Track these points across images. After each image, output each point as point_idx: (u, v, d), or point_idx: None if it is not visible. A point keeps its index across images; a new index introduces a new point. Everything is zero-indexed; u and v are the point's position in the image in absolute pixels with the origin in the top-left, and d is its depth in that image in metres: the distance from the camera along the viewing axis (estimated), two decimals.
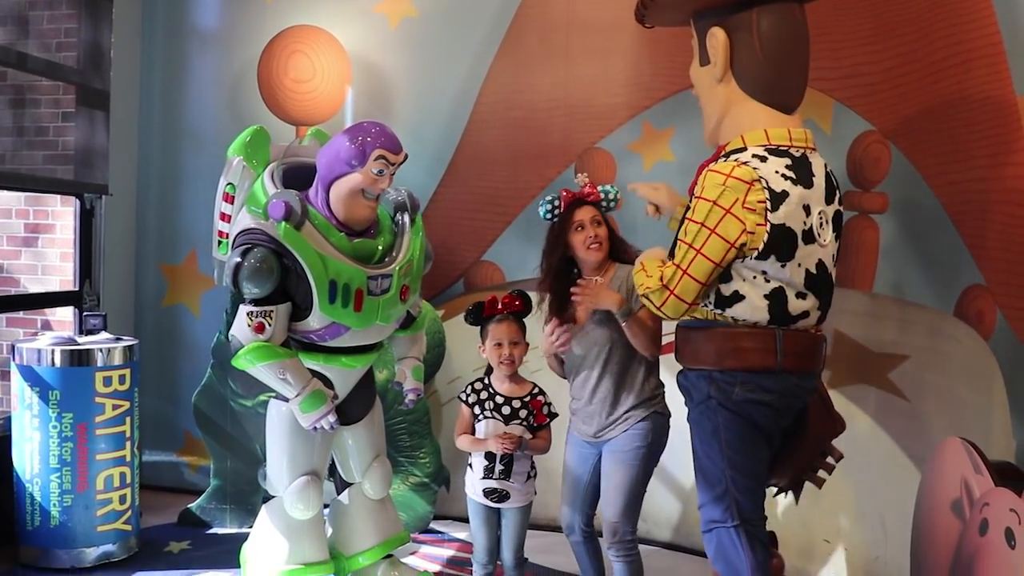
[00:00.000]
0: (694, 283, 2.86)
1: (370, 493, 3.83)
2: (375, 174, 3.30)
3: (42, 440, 4.07)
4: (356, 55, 5.12)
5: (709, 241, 2.82)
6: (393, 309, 3.54)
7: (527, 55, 4.94)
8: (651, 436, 3.37)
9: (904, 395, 3.87)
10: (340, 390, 3.62)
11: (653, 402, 3.40)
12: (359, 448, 3.81)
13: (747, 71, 3.01)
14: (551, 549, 4.46)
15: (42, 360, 4.09)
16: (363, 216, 3.42)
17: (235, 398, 4.76)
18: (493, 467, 3.44)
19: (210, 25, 5.44)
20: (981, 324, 3.55)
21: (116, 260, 5.25)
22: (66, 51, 5.11)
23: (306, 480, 3.60)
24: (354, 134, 3.36)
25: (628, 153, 4.76)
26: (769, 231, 2.83)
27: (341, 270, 3.32)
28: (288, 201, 3.26)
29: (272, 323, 3.31)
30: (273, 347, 3.35)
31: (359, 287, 3.37)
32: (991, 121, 3.42)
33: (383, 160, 3.30)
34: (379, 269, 3.45)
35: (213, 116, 5.35)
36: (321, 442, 3.64)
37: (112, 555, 4.23)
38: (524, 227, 4.92)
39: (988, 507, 2.79)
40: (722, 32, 3.00)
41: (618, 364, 3.37)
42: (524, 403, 3.48)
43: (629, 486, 3.36)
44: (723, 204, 2.82)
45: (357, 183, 3.32)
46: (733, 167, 2.86)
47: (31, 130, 5.22)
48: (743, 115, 3.04)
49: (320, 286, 3.29)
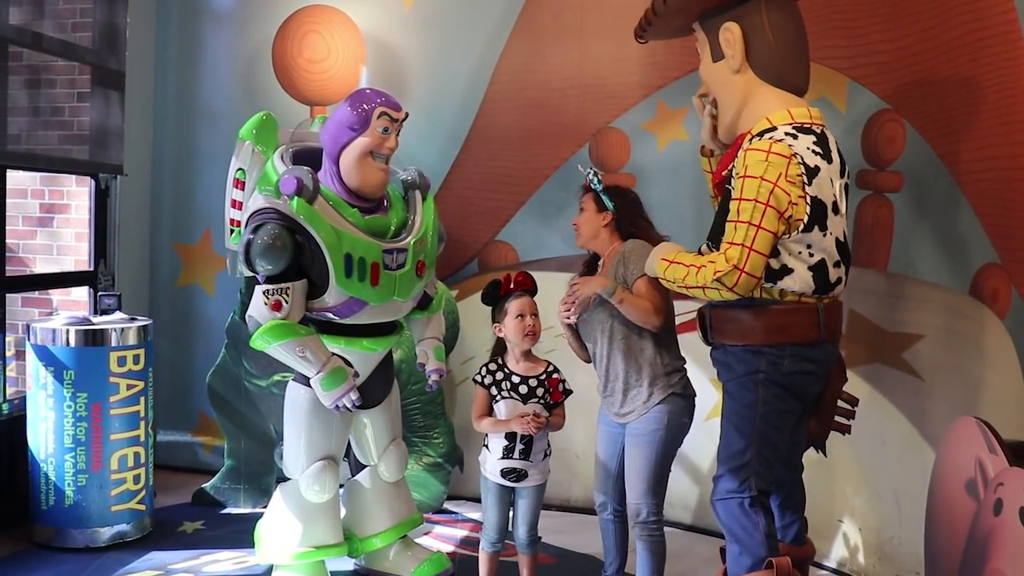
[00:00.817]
0: (761, 258, 2.94)
1: (386, 476, 3.85)
2: (381, 133, 3.40)
3: (57, 420, 4.09)
4: (370, 35, 5.11)
5: (766, 215, 2.91)
6: (410, 284, 3.56)
7: (541, 35, 4.92)
8: (669, 418, 3.37)
9: (919, 374, 3.85)
10: (361, 373, 3.63)
11: (671, 381, 3.40)
12: (376, 431, 3.83)
13: (762, 59, 3.16)
14: (565, 529, 4.48)
15: (57, 340, 4.11)
16: (376, 180, 3.46)
17: (249, 378, 4.78)
18: (513, 447, 3.44)
19: (225, 5, 5.44)
20: (996, 303, 3.52)
21: (131, 240, 5.28)
22: (81, 31, 5.12)
23: (323, 464, 3.62)
24: (352, 100, 3.45)
25: (642, 132, 4.74)
26: (809, 203, 2.98)
27: (356, 243, 3.35)
28: (299, 176, 3.30)
29: (289, 300, 3.33)
30: (291, 325, 3.36)
31: (375, 260, 3.40)
32: (1006, 100, 3.38)
33: (386, 117, 3.39)
34: (394, 243, 3.48)
35: (228, 96, 5.36)
36: (339, 426, 3.66)
37: (126, 535, 4.25)
38: (538, 207, 4.91)
39: (1003, 487, 2.77)
40: (736, 25, 3.14)
41: (622, 339, 3.39)
42: (540, 381, 3.48)
43: (649, 469, 3.37)
44: (769, 178, 2.92)
45: (365, 146, 3.40)
46: (771, 143, 2.97)
47: (47, 110, 5.23)
48: (764, 100, 3.17)
49: (336, 260, 3.32)
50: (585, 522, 4.37)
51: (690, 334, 4.28)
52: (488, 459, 3.52)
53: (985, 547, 2.79)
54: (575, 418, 3.67)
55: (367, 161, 3.42)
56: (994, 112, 3.48)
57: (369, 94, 3.48)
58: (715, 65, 3.25)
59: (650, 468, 3.37)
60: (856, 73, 4.08)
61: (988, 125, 3.52)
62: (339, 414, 3.56)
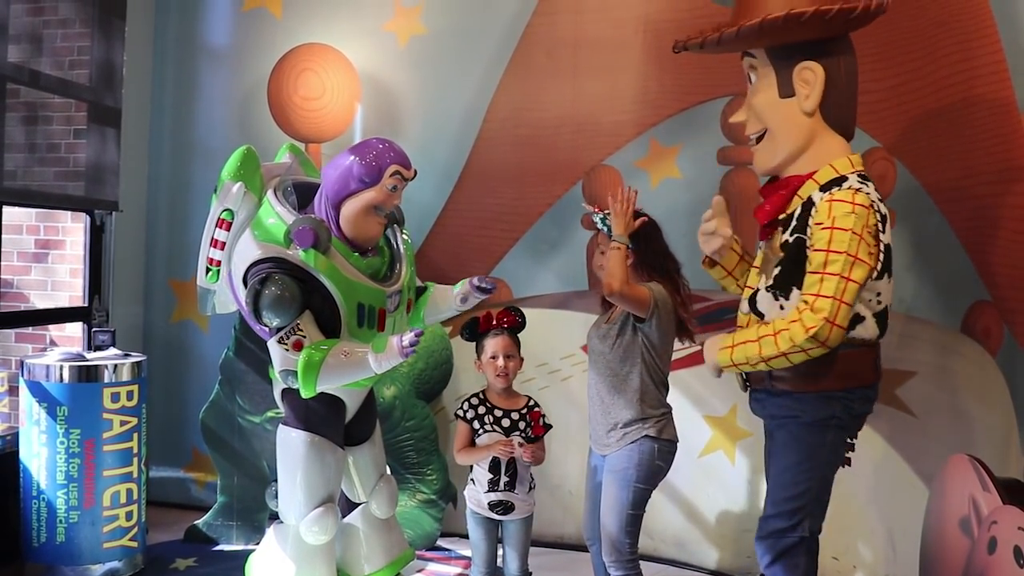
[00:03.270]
0: (850, 310, 2.87)
1: (377, 512, 3.82)
2: (389, 190, 3.33)
3: (49, 456, 4.07)
4: (365, 73, 5.15)
5: (855, 267, 2.84)
6: (401, 324, 3.55)
7: (535, 73, 4.96)
8: (640, 458, 3.33)
9: (912, 411, 3.86)
10: (350, 408, 3.64)
11: (646, 424, 3.35)
12: (365, 468, 3.80)
13: (833, 103, 3.05)
14: (558, 567, 4.45)
15: (50, 376, 4.09)
16: (374, 234, 3.42)
17: (243, 414, 4.77)
18: (498, 480, 3.46)
19: (221, 43, 5.49)
20: (988, 340, 3.55)
21: (125, 276, 5.28)
22: (79, 68, 5.14)
23: (324, 509, 3.54)
24: (364, 152, 3.36)
25: (635, 170, 4.77)
26: (883, 251, 2.94)
27: (366, 292, 3.34)
28: (315, 228, 3.23)
29: (306, 333, 3.26)
30: (316, 349, 3.24)
31: (381, 307, 3.39)
32: (996, 139, 3.43)
33: (398, 176, 3.33)
34: (393, 287, 3.46)
35: (223, 133, 5.38)
36: (335, 466, 3.61)
37: (118, 572, 4.21)
38: (532, 244, 4.93)
39: (996, 525, 2.77)
40: (820, 67, 3.01)
41: (611, 375, 3.39)
42: (522, 415, 3.52)
43: (621, 506, 3.35)
44: (858, 231, 2.85)
45: (371, 200, 3.33)
46: (853, 194, 2.89)
47: (43, 147, 5.24)
48: (826, 145, 3.07)
49: (349, 310, 3.30)
50: (578, 559, 4.35)
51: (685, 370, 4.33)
52: (474, 492, 3.53)
53: None
54: (568, 455, 3.68)
55: (369, 214, 3.36)
56: (984, 150, 3.51)
57: (383, 149, 3.38)
58: (781, 101, 3.08)
59: (622, 505, 3.34)
60: None
61: (978, 163, 3.56)
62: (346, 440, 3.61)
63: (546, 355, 4.71)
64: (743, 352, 2.96)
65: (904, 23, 3.88)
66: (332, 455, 3.57)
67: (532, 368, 4.64)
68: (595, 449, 3.51)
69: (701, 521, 4.59)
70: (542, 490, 3.76)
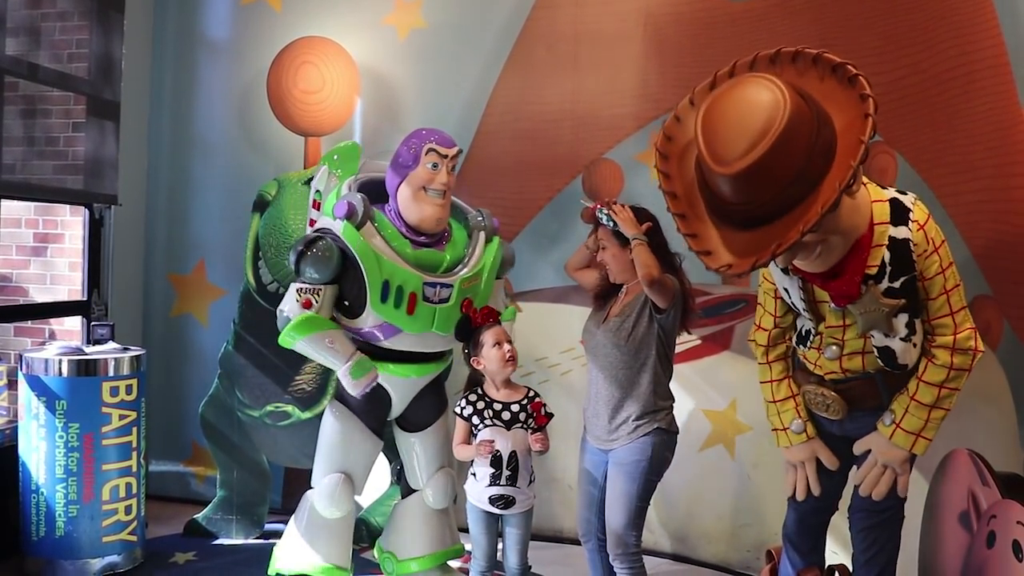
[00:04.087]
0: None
1: (431, 502, 3.93)
2: (430, 168, 3.56)
3: (48, 450, 4.07)
4: (365, 66, 5.14)
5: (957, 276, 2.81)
6: (453, 319, 3.65)
7: (535, 66, 4.95)
8: (652, 451, 3.36)
9: None
10: (397, 398, 3.79)
11: (658, 416, 3.39)
12: (425, 456, 3.93)
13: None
14: (556, 560, 4.45)
15: (49, 370, 4.09)
16: (430, 215, 3.61)
17: (242, 408, 4.77)
18: (500, 473, 3.45)
19: (220, 36, 5.47)
20: (988, 334, 3.53)
21: (124, 270, 5.28)
22: (77, 62, 5.13)
23: (337, 478, 3.75)
24: (407, 139, 3.65)
25: (635, 164, 4.76)
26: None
27: (396, 271, 3.52)
28: (351, 201, 3.54)
29: (319, 300, 3.54)
30: (320, 318, 3.56)
31: (413, 291, 3.53)
32: (996, 132, 3.42)
33: (434, 153, 3.56)
34: (439, 277, 3.60)
35: (222, 127, 5.37)
36: (359, 445, 3.79)
37: (117, 566, 4.22)
38: (532, 238, 4.92)
39: (995, 519, 2.77)
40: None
41: (623, 367, 3.38)
42: (523, 407, 3.51)
43: (630, 498, 3.36)
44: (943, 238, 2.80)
45: (416, 180, 3.57)
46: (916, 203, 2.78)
47: (41, 140, 5.23)
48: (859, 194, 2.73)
49: (373, 283, 3.51)
50: (577, 553, 4.33)
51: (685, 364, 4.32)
52: (475, 487, 3.53)
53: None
54: (568, 449, 3.67)
55: (420, 196, 3.59)
56: (984, 143, 3.51)
57: (421, 132, 3.64)
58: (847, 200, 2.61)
59: (631, 498, 3.36)
60: None
61: (978, 157, 3.55)
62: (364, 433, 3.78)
63: (545, 349, 4.70)
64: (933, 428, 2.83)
65: (904, 17, 3.88)
66: (360, 433, 3.79)
67: (531, 362, 4.64)
68: (596, 445, 3.49)
69: (701, 515, 4.59)
70: (541, 484, 3.76)
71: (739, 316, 4.46)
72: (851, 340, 2.87)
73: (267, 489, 4.88)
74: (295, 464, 4.88)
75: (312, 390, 4.73)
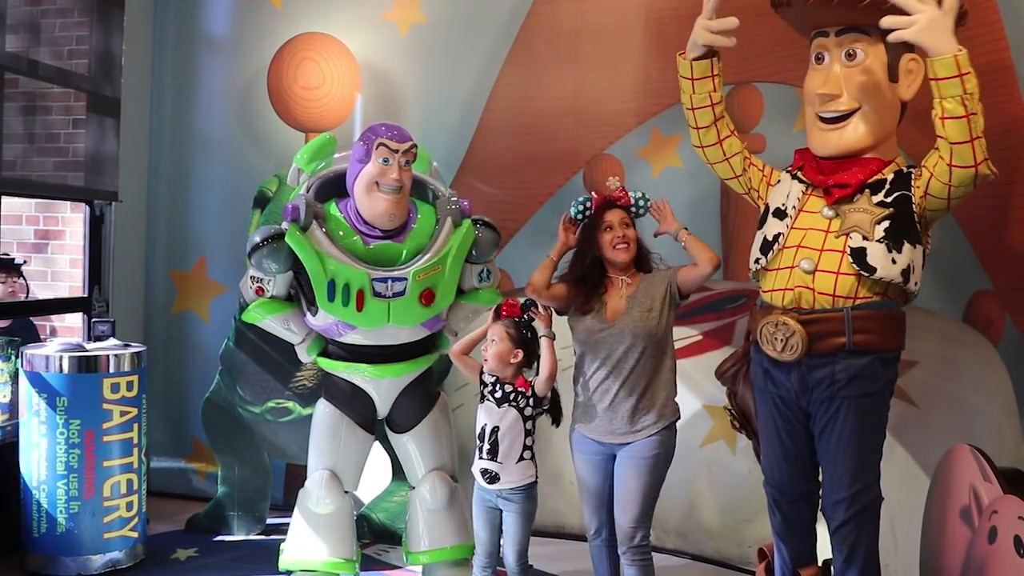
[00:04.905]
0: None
1: (425, 502, 3.97)
2: (381, 163, 3.55)
3: (49, 447, 4.07)
4: (365, 62, 5.13)
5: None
6: (410, 312, 3.64)
7: (536, 62, 4.94)
8: (671, 443, 3.42)
9: (914, 401, 3.85)
10: (379, 400, 3.85)
11: (674, 408, 3.45)
12: (409, 457, 4.00)
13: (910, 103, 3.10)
14: (559, 556, 4.45)
15: (50, 366, 4.09)
16: (381, 210, 3.60)
17: (243, 405, 4.77)
18: (482, 447, 3.50)
19: (220, 32, 5.47)
20: (990, 330, 3.54)
21: (125, 266, 5.27)
22: (77, 58, 5.14)
23: (323, 475, 3.83)
24: (362, 134, 3.67)
25: (636, 159, 4.76)
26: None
27: (339, 270, 3.53)
28: (296, 204, 3.56)
29: (270, 288, 3.66)
30: (278, 301, 3.70)
31: (360, 288, 3.54)
32: (999, 128, 3.40)
33: (384, 148, 3.55)
34: (390, 271, 3.59)
35: (223, 123, 5.37)
36: (347, 443, 3.85)
37: (118, 562, 4.22)
38: (533, 233, 4.91)
39: (997, 515, 2.77)
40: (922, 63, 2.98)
41: (650, 359, 3.39)
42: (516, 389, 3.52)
43: (646, 493, 3.37)
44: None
45: (369, 176, 3.57)
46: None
47: (42, 137, 5.24)
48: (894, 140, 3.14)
49: (318, 284, 3.54)
50: (579, 549, 4.34)
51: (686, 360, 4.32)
52: (475, 465, 3.56)
53: (980, 575, 2.79)
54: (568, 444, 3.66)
55: (373, 191, 3.58)
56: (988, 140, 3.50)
57: (374, 127, 3.65)
58: (890, 84, 3.05)
59: (647, 491, 3.38)
60: None
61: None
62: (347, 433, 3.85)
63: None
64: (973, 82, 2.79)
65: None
66: (348, 429, 3.86)
67: None
68: (603, 439, 3.45)
69: (702, 511, 4.59)
70: (543, 481, 3.75)
71: (740, 312, 4.45)
72: (827, 255, 3.00)
73: (268, 485, 4.88)
74: (296, 460, 4.88)
75: (313, 386, 4.73)
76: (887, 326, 3.00)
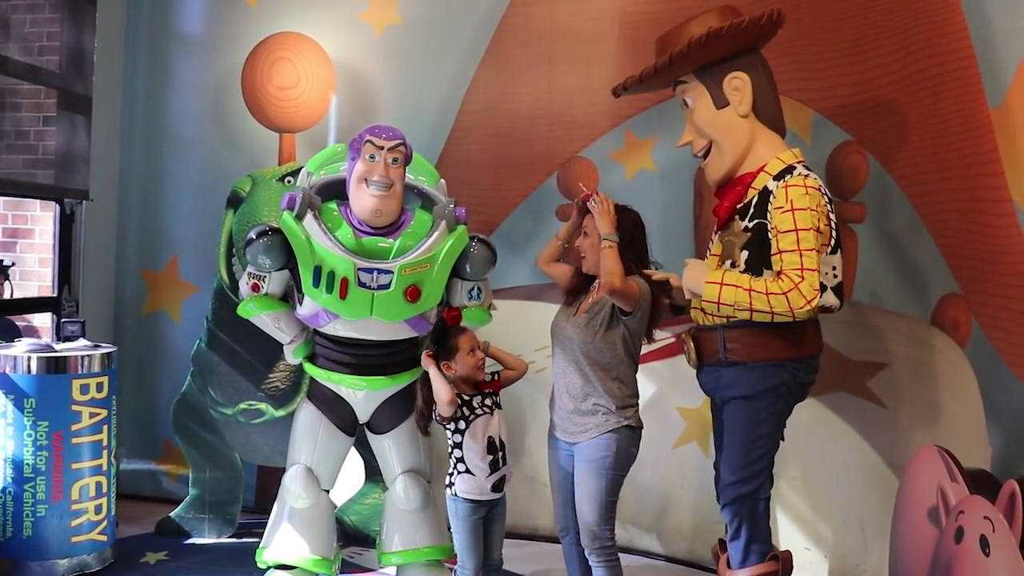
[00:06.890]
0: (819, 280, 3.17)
1: (399, 502, 4.00)
2: (368, 160, 3.67)
3: (16, 449, 4.02)
4: (340, 62, 5.12)
5: (819, 240, 3.18)
6: (392, 305, 3.66)
7: (510, 64, 4.95)
8: (617, 446, 3.38)
9: (882, 403, 3.89)
10: (360, 409, 3.96)
11: (625, 413, 3.39)
12: (391, 458, 4.04)
13: (764, 105, 3.44)
14: (531, 558, 4.46)
15: (18, 367, 4.05)
16: (370, 207, 3.69)
17: (215, 406, 4.74)
18: (497, 458, 3.52)
19: (194, 31, 5.43)
20: (957, 332, 3.58)
21: (96, 266, 5.22)
22: (48, 55, 5.08)
23: (299, 469, 3.92)
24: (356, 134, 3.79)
25: (610, 162, 4.77)
26: (834, 228, 3.27)
27: (326, 257, 3.62)
28: (294, 195, 3.71)
29: (266, 285, 3.83)
30: (272, 299, 3.86)
31: (344, 276, 3.60)
32: (965, 133, 3.46)
33: (371, 144, 3.67)
34: (376, 263, 3.63)
35: (196, 122, 5.33)
36: (323, 441, 3.96)
37: (87, 566, 4.17)
38: (507, 236, 4.92)
39: (963, 515, 2.80)
40: (745, 75, 3.42)
41: (591, 365, 3.39)
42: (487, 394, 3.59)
43: (599, 494, 3.38)
44: (813, 207, 3.19)
45: (358, 173, 3.70)
46: (804, 178, 3.25)
47: (11, 134, 5.18)
48: (767, 143, 3.42)
49: (304, 268, 3.66)
50: (551, 551, 4.35)
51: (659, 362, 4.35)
52: (474, 482, 3.51)
53: (947, 574, 2.82)
54: (542, 447, 3.68)
55: (361, 188, 3.69)
56: (954, 144, 3.54)
57: (365, 127, 3.77)
58: (719, 112, 3.45)
59: (600, 494, 3.38)
60: (820, 106, 4.14)
61: (948, 157, 3.59)
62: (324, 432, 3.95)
63: (520, 347, 4.68)
64: (732, 295, 3.20)
65: (876, 19, 3.91)
66: (327, 431, 3.95)
67: None
68: (561, 437, 3.50)
69: (675, 512, 4.61)
70: (516, 482, 3.76)
71: None
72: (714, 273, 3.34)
73: (240, 488, 4.84)
74: (268, 463, 4.86)
75: (286, 388, 4.72)
76: (757, 340, 3.28)
